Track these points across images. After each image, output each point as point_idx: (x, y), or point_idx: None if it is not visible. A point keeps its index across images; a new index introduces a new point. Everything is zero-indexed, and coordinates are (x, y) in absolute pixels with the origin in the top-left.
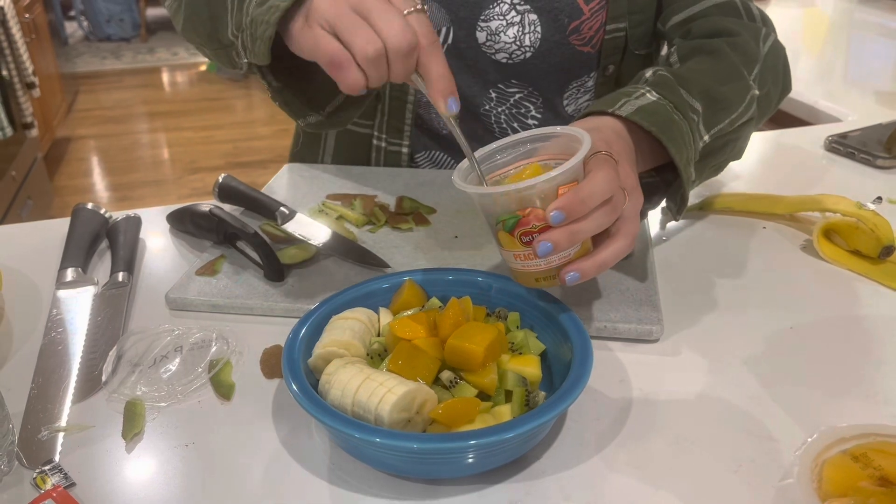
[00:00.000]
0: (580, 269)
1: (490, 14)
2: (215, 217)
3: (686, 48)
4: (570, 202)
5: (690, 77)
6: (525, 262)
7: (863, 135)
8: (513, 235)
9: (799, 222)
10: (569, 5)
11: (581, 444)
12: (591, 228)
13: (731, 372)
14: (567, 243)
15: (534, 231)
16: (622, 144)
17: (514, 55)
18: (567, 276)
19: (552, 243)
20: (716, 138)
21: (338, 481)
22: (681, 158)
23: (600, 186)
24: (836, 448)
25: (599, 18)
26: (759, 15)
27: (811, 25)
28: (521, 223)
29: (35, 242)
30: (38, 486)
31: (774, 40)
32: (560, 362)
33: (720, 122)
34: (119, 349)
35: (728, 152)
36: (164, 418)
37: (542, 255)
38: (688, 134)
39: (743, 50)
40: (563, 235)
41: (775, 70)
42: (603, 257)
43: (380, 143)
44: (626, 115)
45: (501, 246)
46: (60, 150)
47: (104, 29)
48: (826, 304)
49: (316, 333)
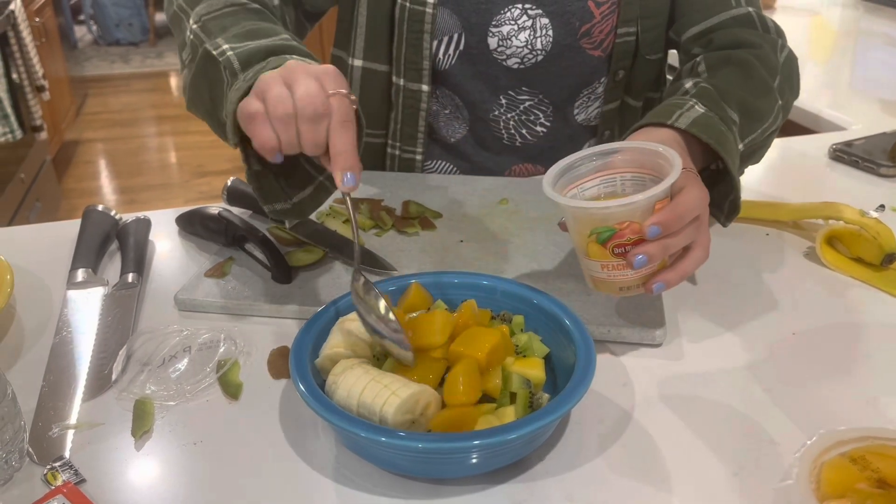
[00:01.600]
0: (665, 279)
1: (501, 19)
2: (224, 220)
3: (713, 59)
4: (668, 219)
5: (728, 90)
6: (612, 272)
7: (867, 143)
8: (605, 247)
9: (802, 229)
10: (580, 9)
11: (584, 445)
12: (682, 242)
13: (734, 376)
14: (660, 256)
15: (627, 244)
16: (688, 158)
17: (525, 59)
18: (655, 286)
19: (647, 256)
20: (748, 147)
21: (343, 480)
22: (734, 169)
23: (694, 204)
24: (835, 450)
25: (610, 22)
26: (773, 27)
27: (817, 34)
28: (616, 236)
29: (46, 243)
30: (49, 482)
31: (789, 51)
32: (564, 365)
33: (753, 133)
34: (129, 349)
35: (754, 159)
36: (172, 417)
37: (638, 267)
38: (734, 144)
39: (766, 62)
40: (658, 249)
41: (791, 80)
42: (685, 267)
43: (394, 151)
44: (685, 128)
45: (588, 256)
46: (69, 153)
47: (113, 33)
48: (828, 311)
49: (323, 335)
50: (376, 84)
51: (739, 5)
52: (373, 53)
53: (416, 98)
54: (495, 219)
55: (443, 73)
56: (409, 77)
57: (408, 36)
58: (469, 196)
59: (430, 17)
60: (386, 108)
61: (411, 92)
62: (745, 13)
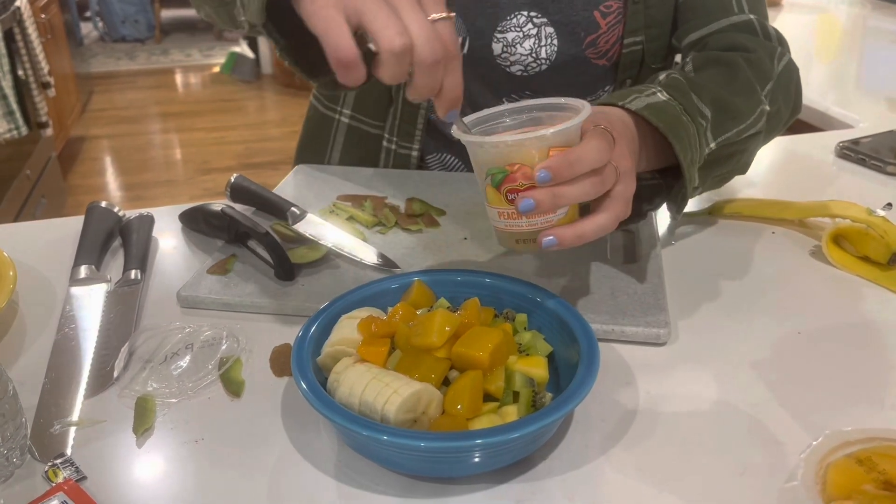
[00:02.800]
0: (558, 234)
1: (507, 25)
2: (227, 216)
3: (701, 59)
4: (558, 163)
5: (703, 84)
6: (508, 220)
7: (874, 141)
8: (499, 192)
9: (808, 228)
10: (586, 19)
11: (587, 445)
12: (576, 195)
13: (738, 376)
14: (549, 205)
15: (520, 189)
16: (625, 131)
17: (528, 68)
18: (545, 239)
19: (535, 202)
20: (722, 147)
21: (345, 479)
22: (685, 157)
23: (590, 154)
24: (841, 451)
25: (616, 32)
26: (775, 35)
27: (824, 32)
28: (508, 179)
29: (49, 240)
30: (50, 479)
31: (789, 60)
32: (567, 364)
33: (728, 131)
34: (131, 346)
35: (733, 164)
36: (174, 414)
37: (524, 212)
38: (694, 137)
39: (757, 66)
40: (547, 196)
41: (787, 89)
42: (583, 228)
43: (390, 146)
44: (636, 110)
45: (488, 203)
46: (74, 149)
47: (119, 30)
48: (834, 310)
49: (325, 332)
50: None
51: (742, 12)
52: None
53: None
54: None
55: None
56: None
57: None
58: (473, 193)
59: None
60: (386, 102)
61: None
62: (746, 20)
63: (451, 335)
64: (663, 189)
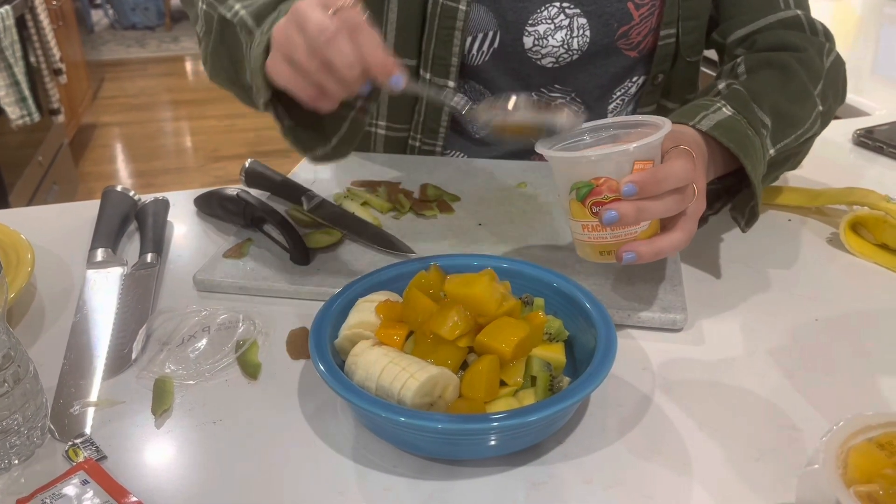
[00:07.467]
0: (637, 250)
1: (538, 18)
2: (242, 201)
3: (753, 60)
4: (645, 179)
5: (762, 92)
6: (591, 233)
7: (891, 129)
8: (584, 205)
9: (825, 215)
10: (619, 10)
11: (603, 429)
12: (659, 210)
13: (755, 362)
14: (633, 217)
15: (605, 202)
16: (699, 151)
17: (560, 59)
18: (625, 254)
19: (619, 214)
20: (780, 152)
21: (362, 460)
22: (755, 174)
23: (677, 172)
24: (862, 436)
25: (649, 24)
26: (822, 30)
27: (840, 19)
28: (593, 192)
29: (66, 224)
30: (71, 458)
31: (836, 55)
32: (584, 349)
33: (787, 138)
34: (148, 328)
35: (788, 166)
36: (192, 396)
37: (607, 223)
38: (759, 150)
39: (809, 66)
40: (631, 209)
41: (836, 85)
42: (660, 245)
43: (414, 143)
44: (706, 130)
45: (572, 217)
46: (86, 136)
47: (129, 17)
48: (852, 297)
49: (342, 315)
50: None
51: (788, 7)
52: (402, 48)
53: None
54: (514, 202)
55: (474, 68)
56: (435, 72)
57: (438, 32)
58: (487, 179)
59: (462, 13)
60: (411, 101)
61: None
62: (793, 16)
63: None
64: (722, 193)
